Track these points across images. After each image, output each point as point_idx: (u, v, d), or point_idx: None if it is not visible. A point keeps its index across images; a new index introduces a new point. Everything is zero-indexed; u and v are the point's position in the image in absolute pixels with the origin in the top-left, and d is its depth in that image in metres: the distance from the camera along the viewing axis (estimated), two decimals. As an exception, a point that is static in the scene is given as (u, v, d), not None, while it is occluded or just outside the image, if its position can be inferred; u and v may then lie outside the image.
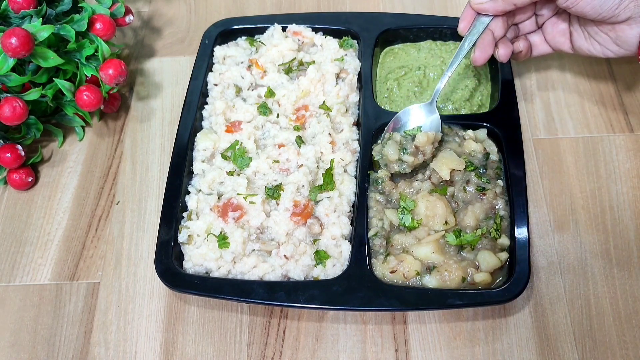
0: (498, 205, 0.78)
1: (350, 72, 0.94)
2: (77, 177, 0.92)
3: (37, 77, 0.87)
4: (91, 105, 0.88)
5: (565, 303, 0.76)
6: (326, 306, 0.72)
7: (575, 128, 0.92)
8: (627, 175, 0.86)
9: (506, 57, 0.81)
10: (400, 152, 0.80)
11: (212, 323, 0.77)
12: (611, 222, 0.82)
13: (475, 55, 0.80)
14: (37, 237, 0.86)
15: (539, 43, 0.85)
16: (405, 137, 0.81)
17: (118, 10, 0.93)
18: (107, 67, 0.87)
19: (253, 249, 0.78)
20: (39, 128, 0.91)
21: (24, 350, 0.76)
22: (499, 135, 0.84)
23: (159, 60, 1.05)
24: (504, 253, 0.75)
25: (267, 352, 0.74)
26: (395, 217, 0.78)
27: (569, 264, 0.79)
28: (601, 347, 0.73)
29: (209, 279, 0.76)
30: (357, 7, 1.11)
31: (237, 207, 0.80)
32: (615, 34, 0.72)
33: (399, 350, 0.74)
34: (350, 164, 0.85)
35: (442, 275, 0.73)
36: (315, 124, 0.88)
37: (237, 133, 0.88)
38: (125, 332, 0.77)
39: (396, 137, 0.81)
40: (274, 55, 0.95)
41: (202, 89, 0.93)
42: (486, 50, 0.79)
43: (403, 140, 0.81)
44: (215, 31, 0.99)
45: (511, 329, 0.74)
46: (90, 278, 0.81)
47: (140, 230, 0.85)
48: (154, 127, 0.96)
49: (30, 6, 0.85)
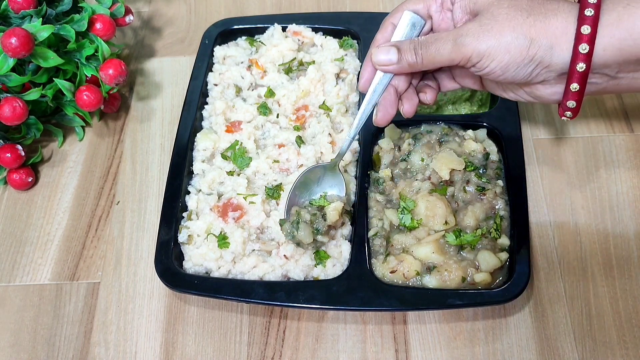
0: (498, 205, 0.78)
1: (350, 72, 0.94)
2: (77, 177, 0.92)
3: (37, 77, 0.87)
4: (91, 105, 0.88)
5: (565, 303, 0.76)
6: (326, 306, 0.72)
7: (575, 128, 0.92)
8: (627, 175, 0.86)
9: (411, 113, 0.72)
10: (314, 234, 0.75)
11: (212, 323, 0.77)
12: (611, 222, 0.82)
13: (377, 119, 0.70)
14: (37, 237, 0.86)
15: (448, 82, 0.75)
16: (313, 212, 0.76)
17: (118, 10, 0.93)
18: (107, 67, 0.87)
19: (253, 249, 0.78)
20: (39, 128, 0.91)
21: (24, 350, 0.76)
22: (499, 135, 0.84)
23: (159, 60, 1.05)
24: (504, 253, 0.75)
25: (267, 352, 0.74)
26: (395, 217, 0.78)
27: (569, 264, 0.79)
28: (601, 347, 0.73)
29: (209, 279, 0.76)
30: (357, 7, 1.11)
31: (237, 207, 0.80)
32: (530, 90, 0.67)
33: (399, 350, 0.74)
34: (350, 164, 0.85)
35: (442, 275, 0.73)
36: (315, 124, 0.88)
37: (237, 133, 0.88)
38: (125, 332, 0.77)
39: (305, 216, 0.75)
40: (274, 55, 0.95)
41: (202, 89, 0.93)
42: (388, 112, 0.70)
43: (313, 218, 0.75)
44: (215, 31, 0.99)
45: (511, 329, 0.74)
46: (90, 278, 0.81)
47: (140, 230, 0.85)
48: (154, 127, 0.96)
49: (30, 6, 0.85)
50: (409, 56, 0.66)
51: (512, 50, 0.61)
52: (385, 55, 0.67)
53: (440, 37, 0.64)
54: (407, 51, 0.66)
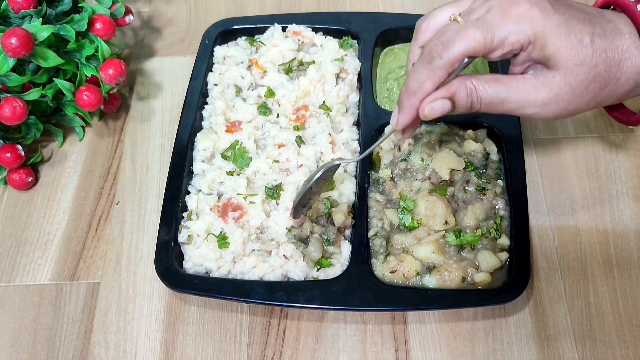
0: (498, 205, 0.78)
1: (350, 72, 0.94)
2: (77, 177, 0.92)
3: (37, 77, 0.87)
4: (91, 105, 0.88)
5: (565, 303, 0.76)
6: (326, 306, 0.72)
7: (575, 128, 0.92)
8: (627, 175, 0.86)
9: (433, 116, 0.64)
10: (324, 248, 0.76)
11: (212, 323, 0.77)
12: (611, 222, 0.82)
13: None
14: (37, 237, 0.86)
15: None
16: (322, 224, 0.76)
17: (118, 10, 0.93)
18: (107, 67, 0.87)
19: (253, 249, 0.78)
20: (39, 128, 0.91)
21: (24, 350, 0.76)
22: (499, 135, 0.84)
23: (159, 60, 1.05)
24: (504, 253, 0.75)
25: (267, 352, 0.74)
26: (395, 217, 0.78)
27: (569, 264, 0.79)
28: (601, 347, 0.73)
29: (209, 279, 0.76)
30: (357, 7, 1.11)
31: (237, 207, 0.80)
32: None
33: (399, 350, 0.74)
34: (351, 164, 0.85)
35: (442, 275, 0.73)
36: (315, 124, 0.88)
37: (237, 133, 0.88)
38: (125, 332, 0.77)
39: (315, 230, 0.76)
40: (274, 55, 0.95)
41: (202, 89, 0.93)
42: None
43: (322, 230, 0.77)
44: (215, 31, 0.99)
45: (511, 329, 0.74)
46: (90, 278, 0.81)
47: (140, 230, 0.85)
48: (154, 127, 0.96)
49: (30, 6, 0.85)
50: (465, 106, 0.61)
51: (581, 111, 0.61)
52: (440, 110, 0.61)
53: (500, 93, 0.60)
54: (463, 101, 0.61)
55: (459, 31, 0.58)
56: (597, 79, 0.58)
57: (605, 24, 0.59)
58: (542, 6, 0.57)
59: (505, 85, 0.60)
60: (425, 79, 0.60)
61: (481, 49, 0.58)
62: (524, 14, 0.57)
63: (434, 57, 0.58)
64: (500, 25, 0.57)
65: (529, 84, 0.60)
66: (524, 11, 0.57)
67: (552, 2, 0.58)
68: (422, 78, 0.60)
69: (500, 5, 0.58)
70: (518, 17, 0.57)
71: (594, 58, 0.57)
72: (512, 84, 0.60)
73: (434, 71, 0.59)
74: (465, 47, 0.57)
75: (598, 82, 0.58)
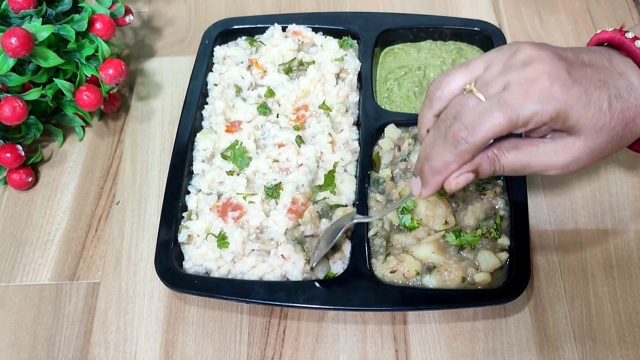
0: (498, 205, 0.78)
1: (350, 72, 0.94)
2: (77, 177, 0.92)
3: (37, 77, 0.87)
4: (91, 105, 0.88)
5: (565, 303, 0.76)
6: (326, 306, 0.72)
7: (575, 128, 0.91)
8: (627, 175, 0.86)
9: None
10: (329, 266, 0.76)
11: (212, 323, 0.77)
12: (611, 222, 0.82)
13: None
14: (37, 237, 0.86)
15: None
16: None
17: (118, 10, 0.93)
18: (107, 67, 0.87)
19: (252, 248, 0.78)
20: (39, 128, 0.91)
21: (24, 350, 0.76)
22: (499, 135, 0.84)
23: (159, 60, 1.05)
24: (504, 253, 0.75)
25: (267, 352, 0.74)
26: (395, 217, 0.78)
27: (569, 264, 0.79)
28: (601, 347, 0.73)
29: (209, 279, 0.76)
30: (357, 7, 1.11)
31: (236, 206, 0.80)
32: None
33: (399, 350, 0.74)
34: (350, 164, 0.85)
35: (442, 275, 0.73)
36: (315, 124, 0.88)
37: (237, 133, 0.88)
38: (125, 332, 0.77)
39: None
40: (274, 55, 0.95)
41: (202, 89, 0.93)
42: None
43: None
44: (215, 31, 0.99)
45: (511, 329, 0.74)
46: (90, 278, 0.81)
47: (140, 230, 0.85)
48: (154, 127, 0.96)
49: (30, 6, 0.85)
50: (488, 175, 0.62)
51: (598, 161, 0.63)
52: (464, 183, 0.62)
53: (522, 160, 0.61)
54: (487, 171, 0.62)
55: (482, 114, 0.58)
56: (614, 138, 0.60)
57: (618, 80, 0.59)
58: (562, 80, 0.57)
59: (526, 152, 0.61)
60: (452, 161, 0.60)
61: (506, 131, 0.58)
62: (546, 93, 0.56)
63: (459, 142, 0.59)
64: (523, 107, 0.57)
65: (549, 148, 0.60)
66: (545, 90, 0.56)
67: (569, 70, 0.58)
68: (448, 159, 0.60)
69: (519, 84, 0.57)
70: (541, 98, 0.56)
71: (612, 122, 0.58)
72: (532, 150, 0.61)
73: (460, 155, 0.60)
74: (491, 131, 0.58)
75: (615, 140, 0.60)
